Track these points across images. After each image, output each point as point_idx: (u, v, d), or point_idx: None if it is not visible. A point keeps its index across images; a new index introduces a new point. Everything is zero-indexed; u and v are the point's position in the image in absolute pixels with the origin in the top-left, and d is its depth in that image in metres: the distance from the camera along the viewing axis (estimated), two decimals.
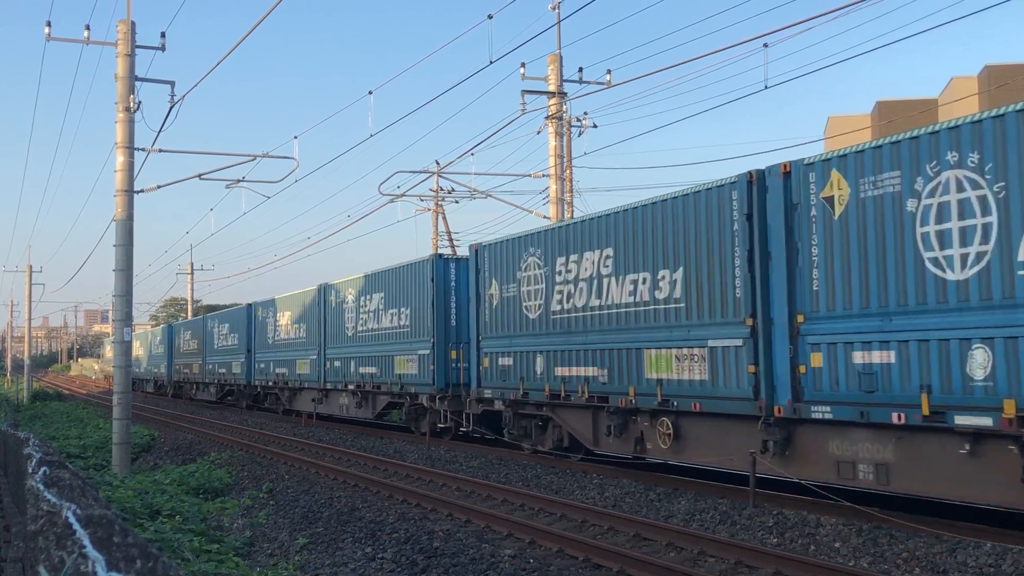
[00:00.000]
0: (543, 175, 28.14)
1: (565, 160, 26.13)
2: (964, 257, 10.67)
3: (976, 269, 10.60)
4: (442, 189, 39.09)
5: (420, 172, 36.13)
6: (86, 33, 21.70)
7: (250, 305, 39.20)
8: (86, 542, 2.93)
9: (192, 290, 73.78)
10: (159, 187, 25.19)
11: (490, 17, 21.70)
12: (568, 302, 17.47)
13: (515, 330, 19.18)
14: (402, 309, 24.71)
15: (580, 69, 25.68)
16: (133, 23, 21.62)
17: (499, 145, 62.25)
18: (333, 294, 29.74)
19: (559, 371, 17.66)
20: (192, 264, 71.84)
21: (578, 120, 27.49)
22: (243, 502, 16.35)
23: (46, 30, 21.29)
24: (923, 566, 9.78)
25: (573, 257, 17.39)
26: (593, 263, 16.81)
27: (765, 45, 19.46)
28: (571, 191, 27.13)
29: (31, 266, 67.98)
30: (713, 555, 10.66)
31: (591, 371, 16.76)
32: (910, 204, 11.26)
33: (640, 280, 15.76)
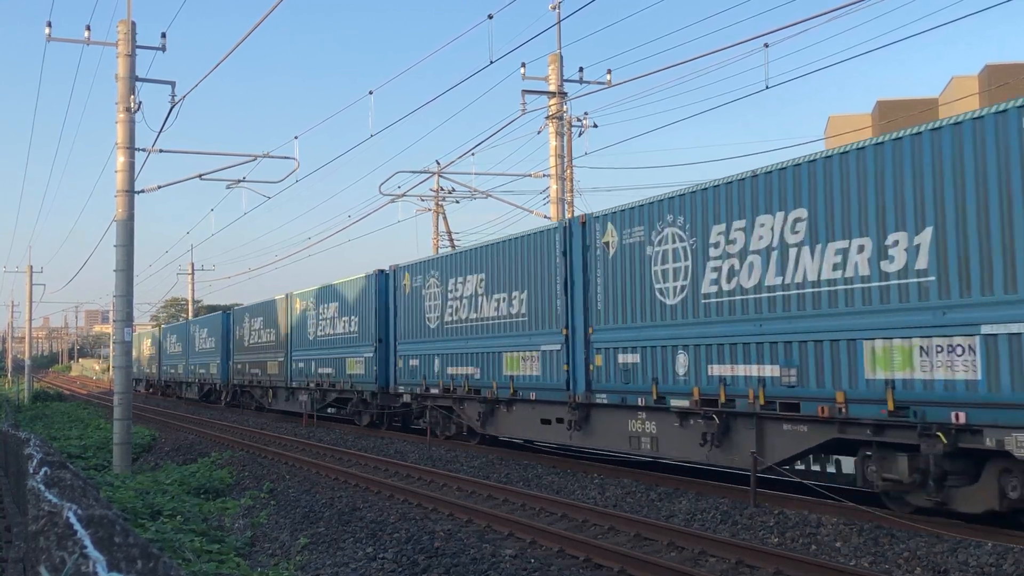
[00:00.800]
0: (544, 175, 28.16)
1: (566, 160, 26.13)
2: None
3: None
4: (442, 189, 39.12)
5: (420, 172, 36.16)
6: (86, 33, 21.71)
7: (381, 272, 26.40)
8: (87, 542, 2.93)
9: (193, 290, 73.81)
10: (160, 187, 25.21)
11: (490, 17, 21.71)
12: None
13: None
14: (907, 236, 11.20)
15: (580, 69, 25.71)
16: (133, 23, 21.63)
17: (499, 145, 62.34)
18: (608, 231, 16.31)
19: None
20: (193, 264, 71.87)
21: (578, 120, 27.51)
22: (244, 502, 16.34)
23: (46, 30, 21.29)
24: (924, 566, 9.77)
25: None
26: None
27: (765, 45, 19.46)
28: (572, 191, 27.15)
29: (31, 266, 68.04)
30: (714, 555, 10.66)
31: None
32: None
33: None
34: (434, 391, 22.64)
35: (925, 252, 10.99)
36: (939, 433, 10.64)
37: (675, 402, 14.71)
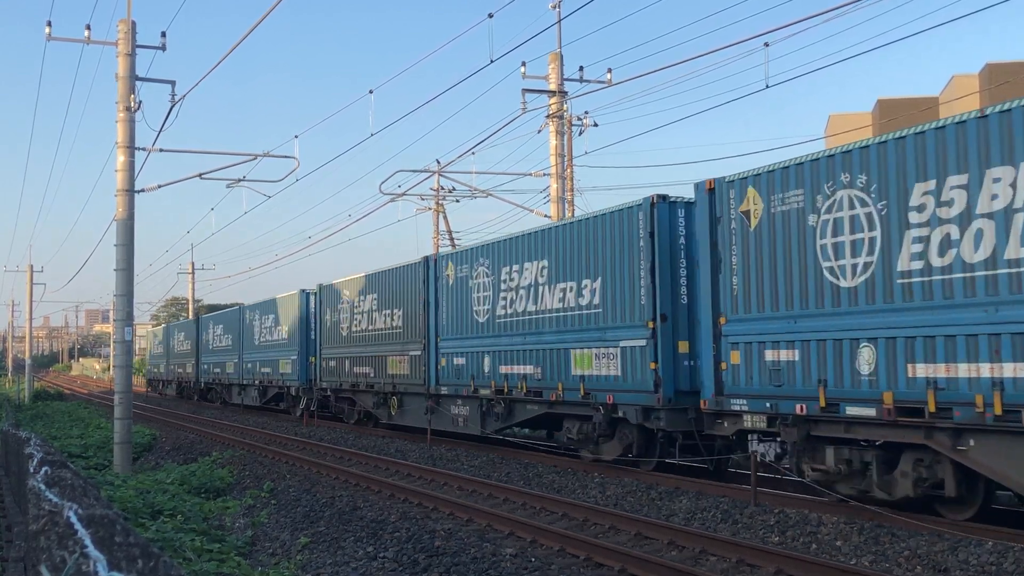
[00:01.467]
0: (544, 174, 28.16)
1: (566, 159, 26.13)
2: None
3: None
4: (443, 188, 39.14)
5: (421, 171, 36.18)
6: (86, 33, 21.70)
7: (664, 198, 15.94)
8: (87, 542, 2.93)
9: (193, 290, 73.81)
10: (160, 187, 25.21)
11: (490, 16, 21.71)
12: None
13: None
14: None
15: (581, 68, 25.71)
16: (133, 23, 21.63)
17: (500, 144, 62.38)
18: None
19: None
20: (193, 264, 71.86)
21: (579, 119, 27.50)
22: (244, 501, 16.35)
23: (46, 30, 21.29)
24: (924, 564, 9.77)
25: None
26: None
27: (766, 44, 19.48)
28: (572, 190, 27.14)
29: (32, 266, 68.05)
30: (714, 554, 10.66)
31: None
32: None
33: None
34: (864, 412, 11.79)
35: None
36: None
37: None
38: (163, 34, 21.56)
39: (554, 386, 18.08)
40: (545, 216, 27.25)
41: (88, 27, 21.57)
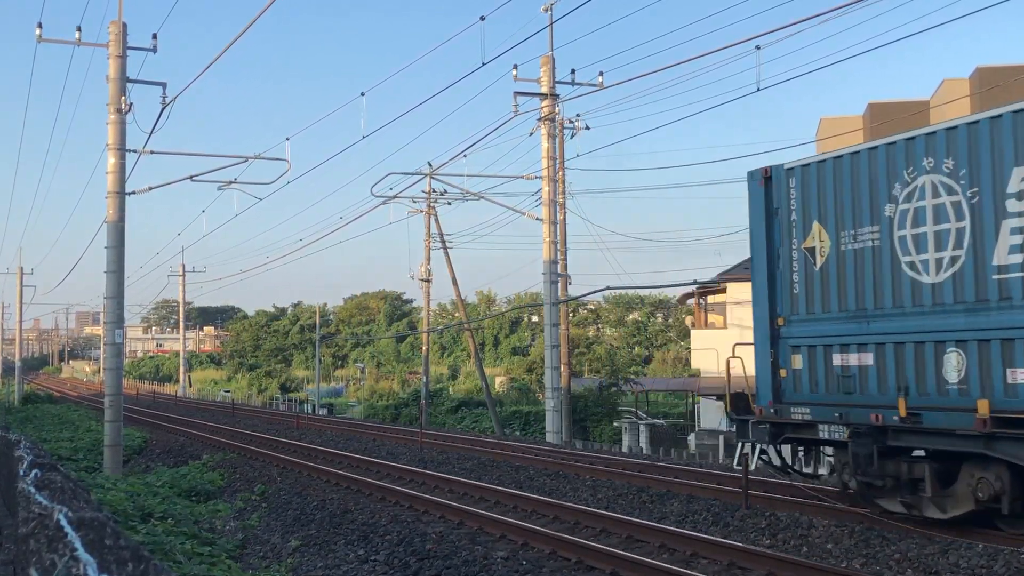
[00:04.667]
0: (536, 177, 28.16)
1: (558, 162, 26.15)
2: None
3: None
4: (434, 191, 39.15)
5: (413, 174, 36.20)
6: (77, 34, 21.64)
7: None
8: (77, 545, 2.92)
9: (184, 292, 73.64)
10: (151, 189, 25.16)
11: (482, 19, 21.75)
12: None
13: None
14: None
15: (573, 71, 25.77)
16: (124, 24, 21.59)
17: (492, 147, 62.48)
18: None
19: None
20: (184, 266, 71.70)
21: (571, 122, 27.55)
22: (235, 504, 16.31)
23: (37, 31, 21.24)
24: (915, 567, 9.79)
25: None
26: None
27: (757, 47, 19.53)
28: (564, 193, 27.17)
29: (22, 268, 67.85)
30: (706, 557, 10.67)
31: None
32: None
33: None
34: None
35: None
36: None
37: None
38: (154, 36, 21.53)
39: None
40: (537, 219, 27.27)
41: (79, 28, 21.53)
